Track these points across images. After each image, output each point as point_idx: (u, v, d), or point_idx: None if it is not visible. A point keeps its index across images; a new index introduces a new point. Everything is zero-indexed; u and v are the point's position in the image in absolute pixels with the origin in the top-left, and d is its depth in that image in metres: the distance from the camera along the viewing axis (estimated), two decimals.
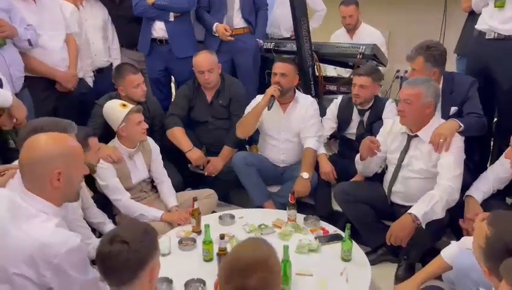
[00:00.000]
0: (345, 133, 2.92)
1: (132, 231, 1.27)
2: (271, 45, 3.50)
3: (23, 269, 1.30)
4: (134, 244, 1.23)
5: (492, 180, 2.22)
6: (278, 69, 2.74)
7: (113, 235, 1.26)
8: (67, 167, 1.40)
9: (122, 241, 1.22)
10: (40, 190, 1.38)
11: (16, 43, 2.46)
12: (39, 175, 1.37)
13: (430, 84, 2.20)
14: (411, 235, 2.05)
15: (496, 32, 2.43)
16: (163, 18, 3.22)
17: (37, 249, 1.29)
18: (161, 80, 3.48)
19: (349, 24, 3.87)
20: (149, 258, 1.26)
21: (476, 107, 2.37)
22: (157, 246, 1.32)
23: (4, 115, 2.17)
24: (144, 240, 1.26)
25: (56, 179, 1.38)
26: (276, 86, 2.70)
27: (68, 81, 2.78)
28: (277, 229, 2.33)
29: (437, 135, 2.17)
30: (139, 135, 2.52)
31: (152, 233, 1.32)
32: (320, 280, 1.91)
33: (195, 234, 2.30)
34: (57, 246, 1.31)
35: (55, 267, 1.30)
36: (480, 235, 1.33)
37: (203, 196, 2.68)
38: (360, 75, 2.70)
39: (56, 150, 1.39)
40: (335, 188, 2.55)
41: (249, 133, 2.89)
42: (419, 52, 2.38)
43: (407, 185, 2.34)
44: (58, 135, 1.46)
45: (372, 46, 3.15)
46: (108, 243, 1.23)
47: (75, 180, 1.46)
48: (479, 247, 1.32)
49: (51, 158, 1.37)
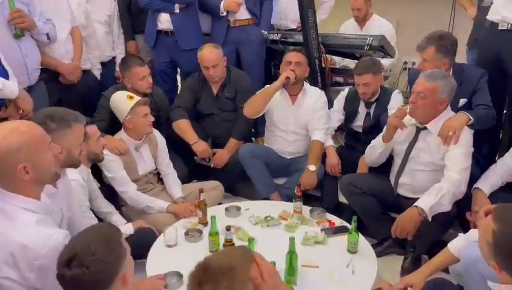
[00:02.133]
0: (351, 126, 2.90)
1: (90, 248, 1.13)
2: (278, 36, 3.47)
3: (7, 271, 1.25)
4: (96, 266, 1.11)
5: (502, 172, 2.20)
6: (293, 58, 2.73)
7: (69, 256, 1.13)
8: (31, 157, 1.30)
9: (81, 265, 1.10)
10: (13, 185, 1.31)
11: (34, 36, 2.44)
12: (5, 172, 1.29)
13: (448, 80, 2.14)
14: (417, 227, 2.04)
15: (509, 23, 2.39)
16: (169, 10, 3.21)
17: (17, 250, 1.23)
18: (167, 72, 3.48)
19: (357, 16, 3.82)
20: (117, 271, 1.17)
21: (485, 99, 2.34)
22: (123, 253, 1.19)
23: (10, 107, 2.18)
24: (106, 257, 1.14)
25: (24, 173, 1.30)
26: (292, 72, 2.67)
27: (71, 73, 2.79)
28: (283, 221, 2.33)
29: (446, 128, 2.14)
30: (145, 128, 2.52)
31: (114, 241, 1.19)
32: (326, 272, 1.91)
33: (202, 225, 2.31)
34: (37, 247, 1.24)
35: (38, 268, 1.25)
36: (486, 231, 1.31)
37: (209, 188, 2.69)
38: (360, 75, 2.66)
39: (13, 144, 1.28)
40: (341, 180, 2.54)
41: (256, 114, 2.81)
42: (430, 42, 2.35)
43: (414, 177, 2.32)
44: (10, 126, 1.32)
45: (380, 37, 3.11)
46: (67, 267, 1.12)
47: (44, 165, 1.36)
48: (487, 243, 1.30)
49: (9, 154, 1.27)
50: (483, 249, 1.34)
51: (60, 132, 1.66)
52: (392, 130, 2.31)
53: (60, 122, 1.68)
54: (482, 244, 1.34)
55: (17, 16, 2.27)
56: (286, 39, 3.45)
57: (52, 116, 1.68)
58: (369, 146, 2.50)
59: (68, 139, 1.69)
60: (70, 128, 1.70)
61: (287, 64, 2.74)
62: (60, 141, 1.59)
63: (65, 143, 1.64)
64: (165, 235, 2.12)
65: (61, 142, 1.57)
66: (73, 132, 1.71)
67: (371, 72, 2.64)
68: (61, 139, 1.63)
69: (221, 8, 3.32)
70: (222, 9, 3.32)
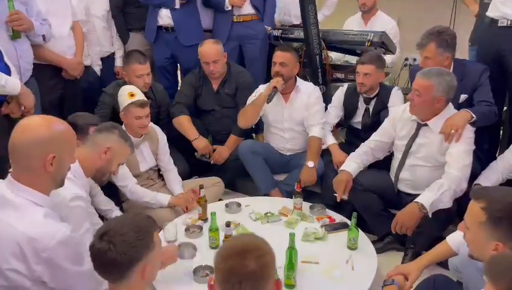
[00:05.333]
0: (351, 122, 2.90)
1: (122, 229, 1.20)
2: (278, 33, 3.47)
3: (14, 263, 1.26)
4: (121, 246, 1.17)
5: (502, 169, 2.20)
6: (277, 58, 2.70)
7: (104, 231, 1.21)
8: (61, 151, 1.37)
9: (109, 241, 1.17)
10: (31, 176, 1.34)
11: (30, 37, 2.43)
12: (33, 158, 1.32)
13: (443, 78, 2.12)
14: (417, 223, 2.04)
15: (508, 19, 2.38)
16: (169, 5, 3.20)
17: (25, 243, 1.25)
18: (167, 68, 3.47)
19: (364, 4, 3.76)
20: (138, 259, 1.20)
21: (486, 96, 2.34)
22: (150, 245, 1.24)
23: (12, 103, 2.18)
24: (133, 241, 1.19)
25: (49, 163, 1.34)
26: (280, 78, 2.66)
27: (74, 68, 2.79)
28: (283, 217, 2.34)
29: (449, 126, 2.14)
30: (136, 129, 2.48)
31: (145, 232, 1.24)
32: (326, 268, 1.92)
33: (202, 221, 2.31)
34: (45, 239, 1.26)
35: (46, 261, 1.27)
36: (474, 215, 1.34)
37: (209, 184, 2.69)
38: (363, 64, 2.67)
39: (52, 133, 1.35)
40: None
41: (251, 124, 2.88)
42: (430, 39, 2.34)
43: (414, 173, 2.32)
44: (51, 118, 1.41)
45: (381, 33, 3.10)
46: (99, 238, 1.19)
47: (66, 165, 1.42)
48: (480, 224, 1.32)
49: (46, 141, 1.33)
50: (479, 235, 1.34)
51: (116, 138, 1.94)
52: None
53: (122, 133, 1.98)
54: (476, 232, 1.35)
55: (16, 18, 2.25)
56: (287, 35, 3.44)
57: (120, 128, 2.02)
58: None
59: (118, 148, 1.94)
60: (125, 143, 1.98)
61: (273, 64, 2.72)
62: (111, 143, 1.90)
63: (113, 148, 1.91)
64: (165, 231, 2.13)
65: (111, 145, 1.90)
66: (124, 148, 1.98)
67: (374, 64, 2.64)
68: (114, 143, 1.92)
69: (226, 3, 3.31)
70: (227, 3, 3.30)
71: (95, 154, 1.88)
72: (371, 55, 2.74)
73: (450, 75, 2.18)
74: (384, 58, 2.80)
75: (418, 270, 1.70)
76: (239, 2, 3.29)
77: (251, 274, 1.05)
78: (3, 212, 1.31)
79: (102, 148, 1.89)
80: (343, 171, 2.37)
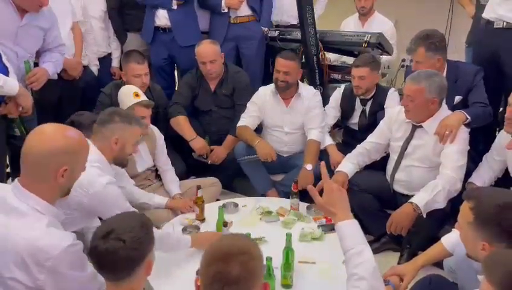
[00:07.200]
0: (348, 123, 2.91)
1: (128, 226, 1.21)
2: (276, 33, 3.47)
3: (16, 272, 1.25)
4: (132, 242, 1.18)
5: (492, 167, 2.23)
6: (281, 67, 2.72)
7: (107, 230, 1.19)
8: (74, 164, 1.36)
9: (118, 239, 1.17)
10: (38, 185, 1.32)
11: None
12: (46, 168, 1.31)
13: (433, 79, 2.14)
14: (412, 224, 2.06)
15: (504, 21, 2.39)
16: (166, 6, 3.20)
17: (28, 252, 1.24)
18: (165, 68, 3.47)
19: (363, 7, 3.77)
20: (147, 253, 1.23)
21: (481, 97, 2.36)
22: (153, 239, 1.26)
23: (10, 103, 2.18)
24: (141, 236, 1.21)
25: (61, 175, 1.33)
26: (271, 157, 2.65)
27: (74, 68, 2.79)
28: (280, 217, 2.34)
29: (443, 127, 2.16)
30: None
31: (148, 226, 1.26)
32: (323, 268, 1.93)
33: (199, 221, 2.32)
34: (49, 248, 1.25)
35: (50, 269, 1.25)
36: (464, 214, 1.36)
37: (207, 184, 2.69)
38: (357, 67, 2.68)
39: (68, 145, 1.34)
40: None
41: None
42: (419, 44, 2.36)
43: (410, 174, 2.34)
44: (68, 130, 1.39)
45: (378, 34, 3.11)
46: (103, 239, 1.18)
47: (76, 176, 1.42)
48: (469, 224, 1.33)
49: (62, 153, 1.32)
50: (467, 235, 1.36)
51: (120, 125, 1.93)
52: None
53: (123, 118, 1.95)
54: (466, 232, 1.37)
55: (34, 79, 2.28)
56: (284, 36, 3.45)
57: (119, 112, 2.00)
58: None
59: (125, 134, 1.94)
60: (130, 125, 1.96)
61: (276, 71, 2.74)
62: (118, 133, 1.91)
63: (122, 137, 1.92)
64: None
65: (118, 134, 1.90)
66: (131, 130, 1.97)
67: (369, 66, 2.65)
68: (120, 131, 1.92)
69: (223, 5, 3.31)
70: (223, 6, 3.31)
71: (107, 146, 1.92)
72: (364, 57, 2.74)
73: (439, 76, 2.20)
74: (378, 59, 2.81)
75: (413, 271, 1.71)
76: (235, 4, 3.30)
77: (235, 280, 1.03)
78: (7, 219, 1.29)
79: (112, 140, 1.92)
80: (339, 172, 2.38)
